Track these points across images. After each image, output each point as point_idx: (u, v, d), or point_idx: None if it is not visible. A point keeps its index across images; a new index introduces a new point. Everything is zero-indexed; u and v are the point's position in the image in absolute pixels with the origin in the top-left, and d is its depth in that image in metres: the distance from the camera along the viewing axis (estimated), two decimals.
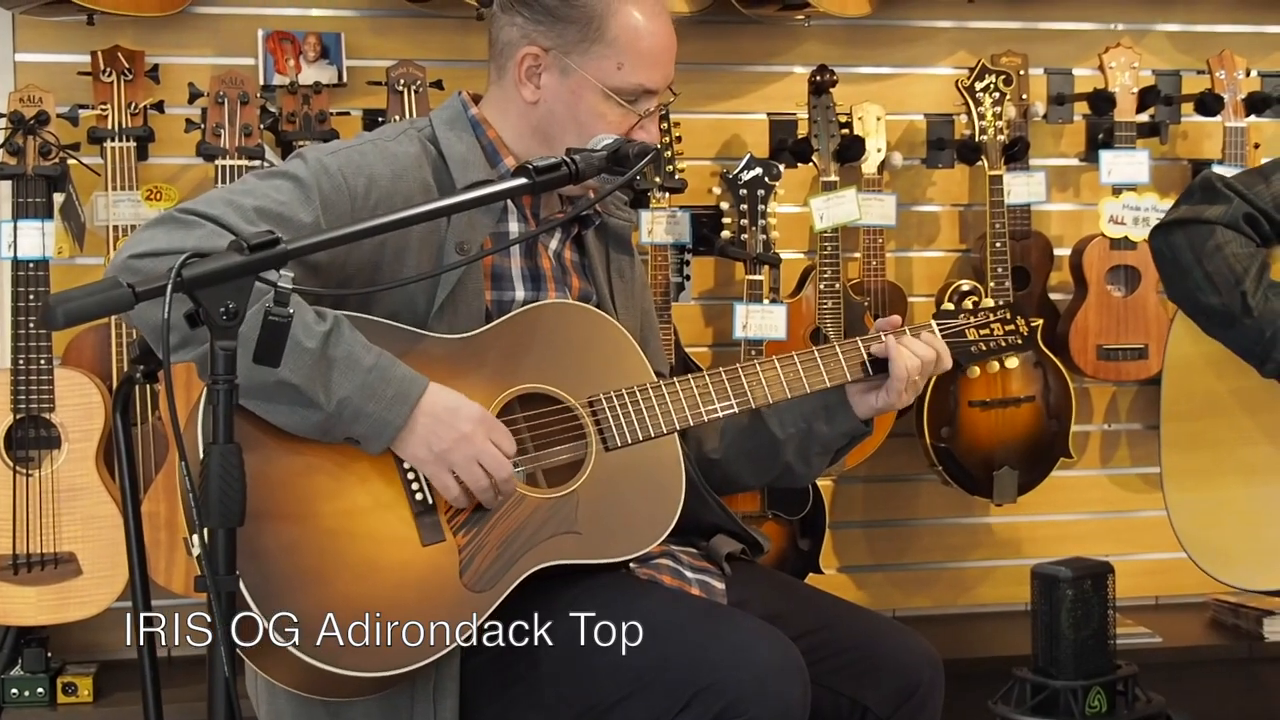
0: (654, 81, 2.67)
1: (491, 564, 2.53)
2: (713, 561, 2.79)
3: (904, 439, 4.47)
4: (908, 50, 4.63)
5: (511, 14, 2.68)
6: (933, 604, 4.74)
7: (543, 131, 2.69)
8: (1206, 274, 3.05)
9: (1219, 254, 3.04)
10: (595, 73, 2.64)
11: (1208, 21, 4.79)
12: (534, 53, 2.66)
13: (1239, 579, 3.15)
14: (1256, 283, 2.99)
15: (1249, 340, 3.00)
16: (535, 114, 2.68)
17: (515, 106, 2.70)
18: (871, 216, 4.34)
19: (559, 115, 2.67)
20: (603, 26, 2.63)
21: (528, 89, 2.67)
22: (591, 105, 2.65)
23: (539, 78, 2.67)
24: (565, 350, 2.65)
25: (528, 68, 2.67)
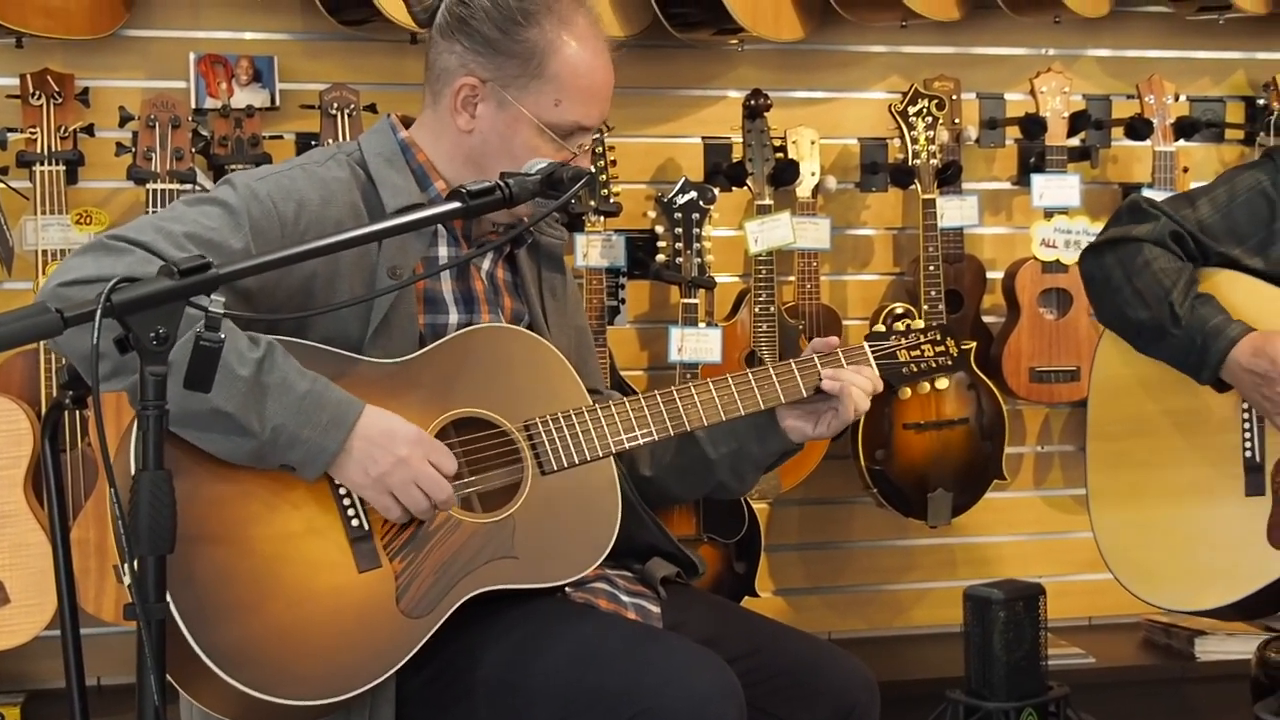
0: (590, 118, 2.67)
1: (428, 590, 2.51)
2: (648, 585, 2.79)
3: (839, 461, 4.48)
4: (841, 74, 4.65)
5: (451, 41, 2.67)
6: (868, 626, 4.75)
7: (475, 160, 2.68)
8: (1136, 290, 3.07)
9: (1147, 269, 3.06)
10: (532, 108, 2.63)
11: (1137, 47, 4.84)
12: (472, 83, 2.65)
13: (1165, 600, 3.17)
14: (1184, 294, 3.02)
15: (1181, 351, 3.03)
16: (468, 142, 2.67)
17: (449, 133, 2.69)
18: (806, 240, 4.36)
19: (492, 146, 2.66)
20: (544, 63, 2.62)
21: (463, 118, 2.66)
22: (526, 139, 2.64)
23: (475, 108, 2.65)
24: (500, 374, 2.64)
25: (464, 97, 2.65)
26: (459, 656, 2.55)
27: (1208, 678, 4.44)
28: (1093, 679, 4.35)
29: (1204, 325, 2.99)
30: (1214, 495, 3.06)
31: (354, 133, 3.90)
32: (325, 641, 2.45)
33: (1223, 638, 4.46)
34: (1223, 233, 3.08)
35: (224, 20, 4.22)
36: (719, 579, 4.26)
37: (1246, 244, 3.07)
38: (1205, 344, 2.98)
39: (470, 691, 2.53)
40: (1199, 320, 2.99)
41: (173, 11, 4.20)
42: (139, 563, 2.07)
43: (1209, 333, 2.98)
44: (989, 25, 4.66)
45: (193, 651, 2.34)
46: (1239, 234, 3.08)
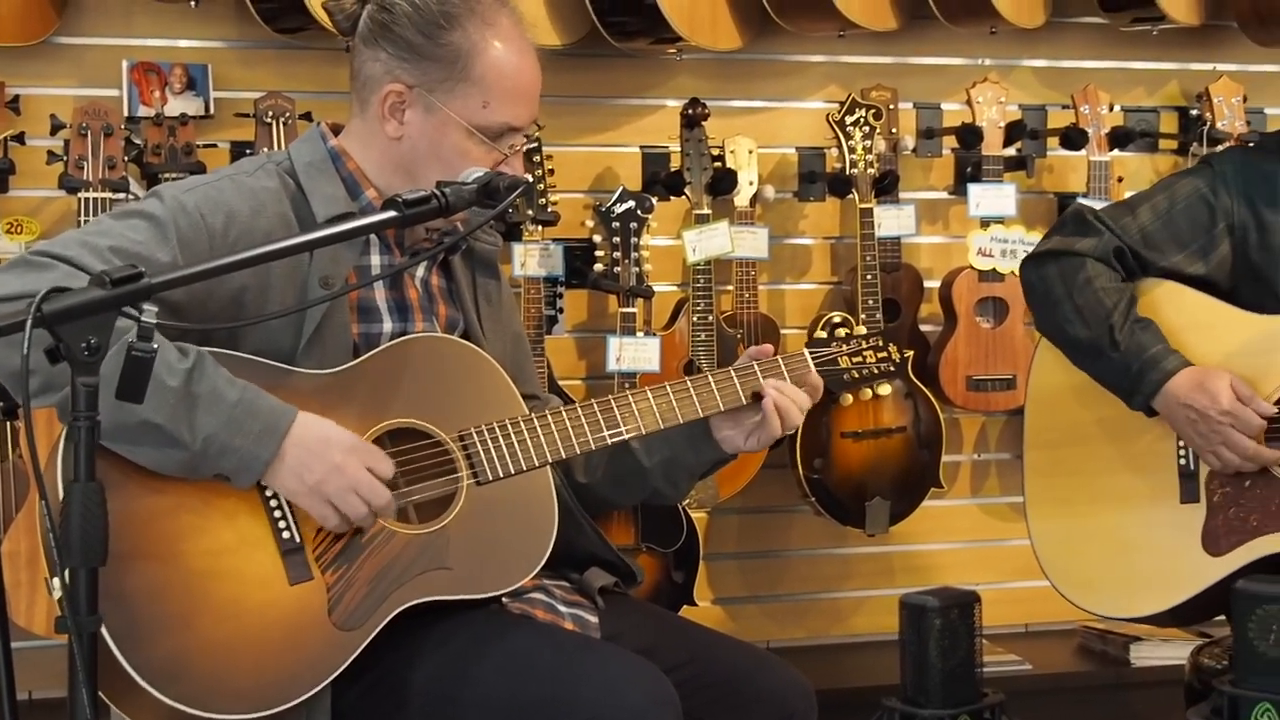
0: (520, 119, 2.66)
1: (361, 602, 2.50)
2: (586, 595, 2.78)
3: (777, 470, 4.48)
4: (779, 84, 4.66)
5: (375, 48, 2.65)
6: (806, 635, 4.76)
7: (406, 167, 2.66)
8: (1077, 307, 3.09)
9: (1089, 287, 3.08)
10: (460, 111, 2.61)
11: (1072, 57, 4.87)
12: (398, 89, 2.63)
13: (1101, 607, 3.19)
14: (1124, 317, 3.04)
15: (1116, 374, 3.04)
16: (398, 150, 2.66)
17: (378, 141, 2.67)
18: (744, 249, 4.36)
19: (422, 152, 2.64)
20: (469, 65, 2.61)
21: (391, 125, 2.65)
22: (455, 143, 2.63)
23: (402, 114, 2.64)
24: (435, 384, 2.63)
25: (391, 104, 2.64)
26: (394, 668, 2.53)
27: (1143, 683, 4.47)
28: (1029, 685, 4.37)
29: (1142, 353, 3.00)
30: (1149, 502, 3.07)
31: (289, 141, 3.87)
32: (257, 655, 2.44)
33: (1157, 643, 4.49)
34: (1164, 240, 3.10)
35: (157, 27, 4.19)
36: (657, 588, 4.26)
37: (1188, 249, 3.09)
38: (1141, 371, 3.00)
39: (406, 703, 2.52)
40: (1137, 346, 3.01)
41: (105, 18, 4.17)
42: (70, 575, 2.05)
43: (1146, 361, 2.99)
44: (926, 35, 4.68)
45: (123, 668, 2.32)
46: (1180, 240, 3.10)
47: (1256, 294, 3.06)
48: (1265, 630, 2.41)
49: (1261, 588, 2.45)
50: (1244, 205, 3.07)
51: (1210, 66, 4.90)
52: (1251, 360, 2.99)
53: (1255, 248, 3.06)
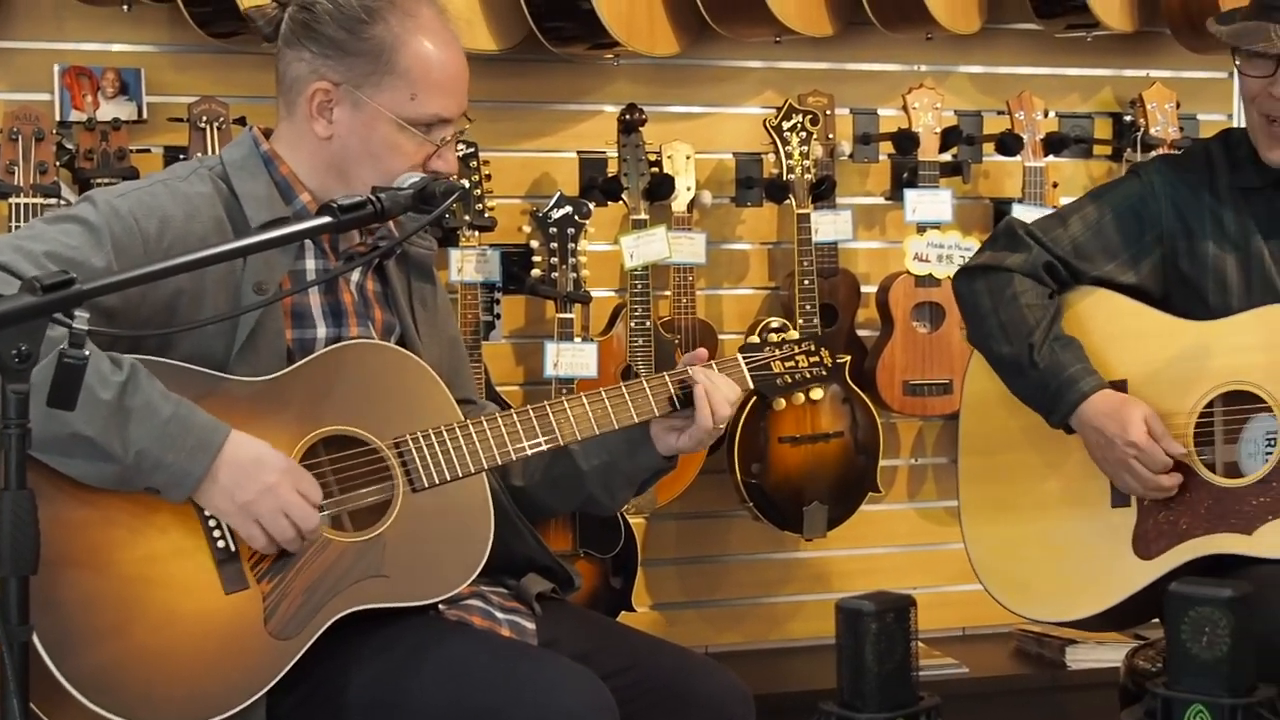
0: (448, 110, 2.65)
1: (297, 611, 2.49)
2: (523, 601, 2.78)
3: (715, 475, 4.49)
4: (716, 90, 4.67)
5: (299, 49, 2.64)
6: (745, 639, 4.76)
7: (338, 167, 2.65)
8: (1001, 323, 3.10)
9: (1015, 304, 3.09)
10: (388, 104, 2.61)
11: (1008, 64, 4.89)
12: (324, 87, 2.62)
13: (1035, 611, 3.21)
14: (1045, 334, 3.05)
15: (1035, 391, 3.07)
16: (329, 149, 2.65)
17: (308, 142, 2.66)
18: (681, 254, 4.36)
19: (353, 149, 2.64)
20: (393, 58, 2.60)
21: (320, 124, 2.63)
22: (386, 137, 2.62)
23: (330, 112, 2.63)
24: (370, 391, 2.62)
25: (319, 103, 2.63)
26: (330, 678, 2.53)
27: (1078, 686, 4.49)
28: (966, 689, 4.39)
29: (1061, 372, 3.02)
30: (1081, 507, 3.09)
31: (223, 146, 3.84)
32: (192, 665, 2.43)
33: (1093, 646, 4.52)
34: (1095, 250, 3.12)
35: (89, 31, 4.15)
36: (595, 594, 4.25)
37: (1119, 259, 3.12)
38: (1059, 391, 3.02)
39: (342, 713, 2.51)
40: (1056, 365, 3.03)
41: (36, 22, 4.12)
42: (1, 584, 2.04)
43: (1064, 381, 3.01)
44: (862, 41, 4.69)
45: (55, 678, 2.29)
46: (1111, 250, 3.12)
47: (1187, 301, 3.09)
48: (1198, 633, 2.43)
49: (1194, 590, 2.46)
50: (1172, 214, 3.10)
51: (1144, 73, 4.93)
52: (1183, 366, 3.02)
53: (1184, 256, 3.08)
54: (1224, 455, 2.99)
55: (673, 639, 4.23)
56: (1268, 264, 3.01)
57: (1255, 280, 3.02)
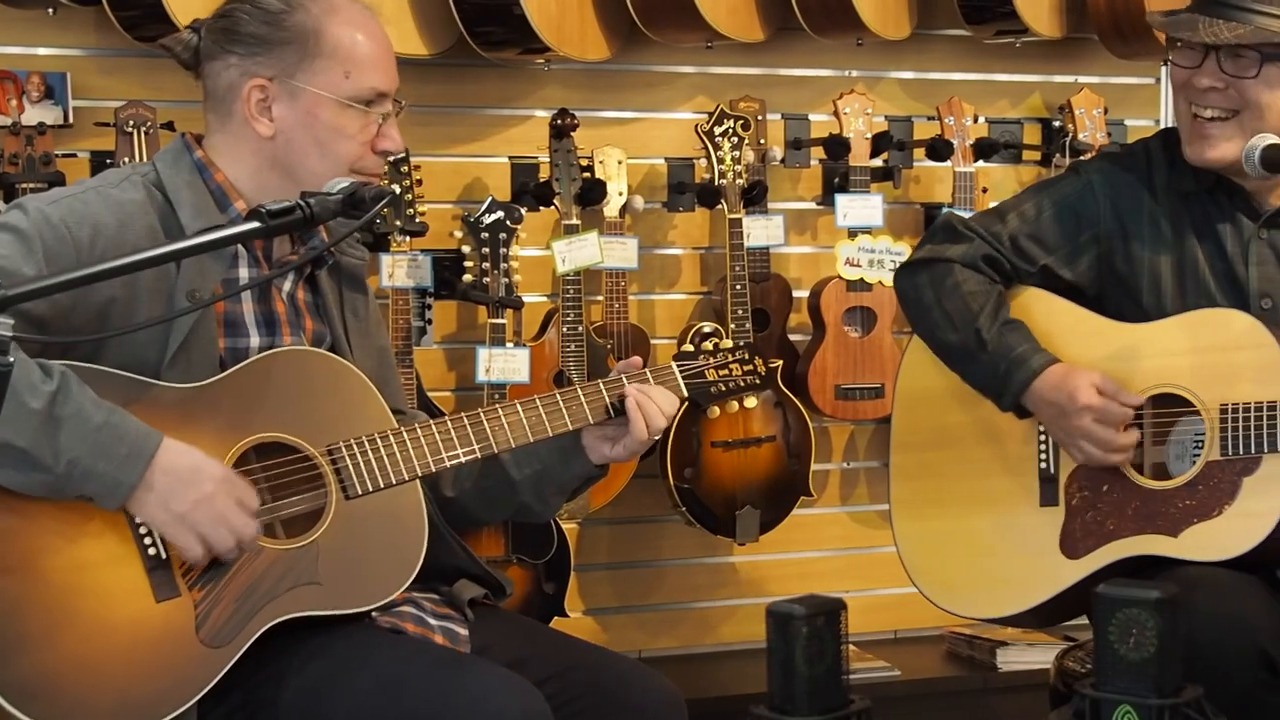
0: (384, 83, 2.67)
1: (229, 618, 2.47)
2: (455, 607, 2.77)
3: (648, 480, 4.49)
4: (648, 95, 4.67)
5: (224, 57, 2.64)
6: (678, 644, 4.76)
7: (283, 162, 2.65)
8: (945, 312, 3.11)
9: (957, 292, 3.10)
10: (325, 86, 2.62)
11: (938, 69, 4.92)
12: (260, 84, 2.62)
13: (963, 608, 3.22)
14: (991, 319, 3.06)
15: (986, 375, 3.07)
16: (273, 147, 2.64)
17: (249, 146, 2.65)
18: (613, 259, 4.36)
19: (298, 141, 2.63)
20: (319, 41, 2.62)
21: (262, 124, 2.63)
22: (329, 120, 2.62)
23: (270, 110, 2.63)
24: (303, 398, 2.61)
25: (257, 101, 2.62)
26: (263, 686, 2.51)
27: (1009, 688, 4.52)
28: (897, 691, 4.41)
29: (1010, 353, 3.03)
30: (1010, 505, 3.11)
31: (151, 151, 3.82)
32: (122, 673, 2.41)
33: (1023, 648, 4.55)
34: (1033, 247, 3.13)
35: (14, 35, 4.10)
36: (528, 600, 4.25)
37: (1055, 256, 3.13)
38: (1009, 371, 3.03)
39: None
40: (1005, 347, 3.04)
41: None
42: None
43: (1014, 360, 3.02)
44: (793, 47, 4.71)
45: None
46: (1048, 247, 3.13)
47: (1121, 301, 3.10)
48: (1125, 634, 2.44)
49: (1122, 592, 2.48)
50: (1110, 214, 3.12)
51: (1072, 78, 4.97)
52: (1115, 367, 3.03)
53: (1120, 257, 3.10)
54: (1152, 457, 3.01)
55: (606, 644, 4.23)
56: (1201, 268, 3.04)
57: (1189, 284, 3.04)
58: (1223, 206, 3.05)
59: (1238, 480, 2.88)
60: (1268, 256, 3.02)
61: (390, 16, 4.10)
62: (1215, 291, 3.01)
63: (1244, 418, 2.88)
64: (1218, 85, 2.94)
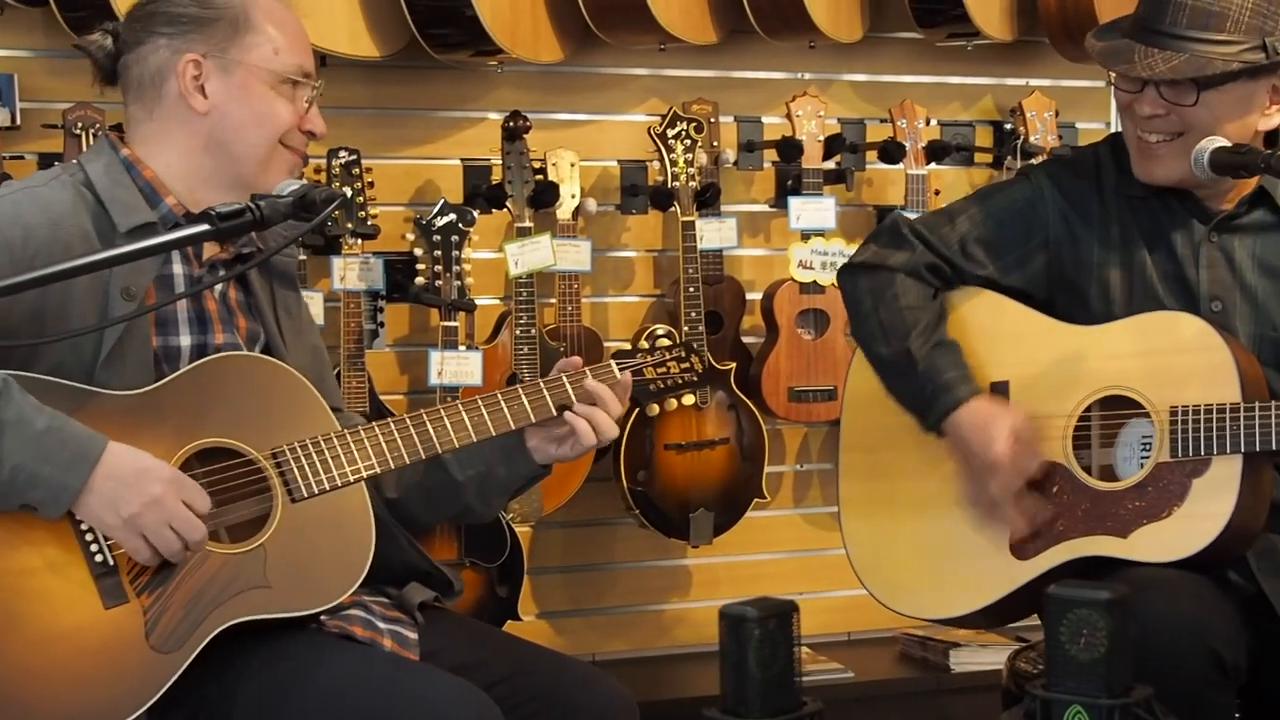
0: (307, 63, 2.71)
1: (178, 624, 2.45)
2: (405, 611, 2.75)
3: (601, 483, 4.49)
4: (601, 97, 4.67)
5: (152, 41, 2.65)
6: (632, 647, 4.76)
7: (218, 141, 2.65)
8: (880, 323, 3.11)
9: (895, 304, 3.10)
10: (259, 60, 2.65)
11: (890, 72, 4.93)
12: (194, 59, 2.63)
13: (912, 608, 3.23)
14: (924, 338, 3.06)
15: (911, 394, 3.08)
16: (207, 125, 2.64)
17: (181, 130, 2.65)
18: (566, 262, 4.36)
19: (233, 117, 2.64)
20: (248, 16, 2.65)
21: (197, 100, 2.63)
22: (263, 95, 2.65)
23: (204, 87, 2.64)
24: (246, 402, 2.59)
25: (191, 77, 2.63)
26: (214, 692, 2.50)
27: (962, 689, 4.54)
28: (851, 693, 4.42)
29: (938, 378, 3.04)
30: (960, 507, 3.10)
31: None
32: (71, 681, 2.39)
33: (976, 649, 4.57)
34: (981, 251, 3.14)
35: None
36: (481, 603, 4.24)
37: (1004, 260, 3.13)
38: (934, 396, 3.03)
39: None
40: (934, 371, 3.04)
41: None
42: None
43: (940, 387, 3.03)
44: (746, 49, 4.71)
45: None
46: (997, 251, 3.14)
47: (1070, 306, 3.11)
48: (1075, 634, 2.45)
49: (1072, 593, 2.48)
50: (1059, 218, 3.12)
51: (1023, 81, 5.00)
52: (1063, 370, 3.04)
53: (1069, 261, 3.11)
54: (1101, 458, 3.02)
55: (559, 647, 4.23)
56: (1150, 272, 3.05)
57: (1138, 288, 3.05)
58: (1173, 210, 3.06)
59: (1187, 482, 2.90)
60: (1218, 260, 3.03)
61: (342, 18, 4.09)
62: (1164, 295, 3.02)
63: (1193, 420, 2.89)
64: (1159, 112, 2.95)
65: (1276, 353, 2.99)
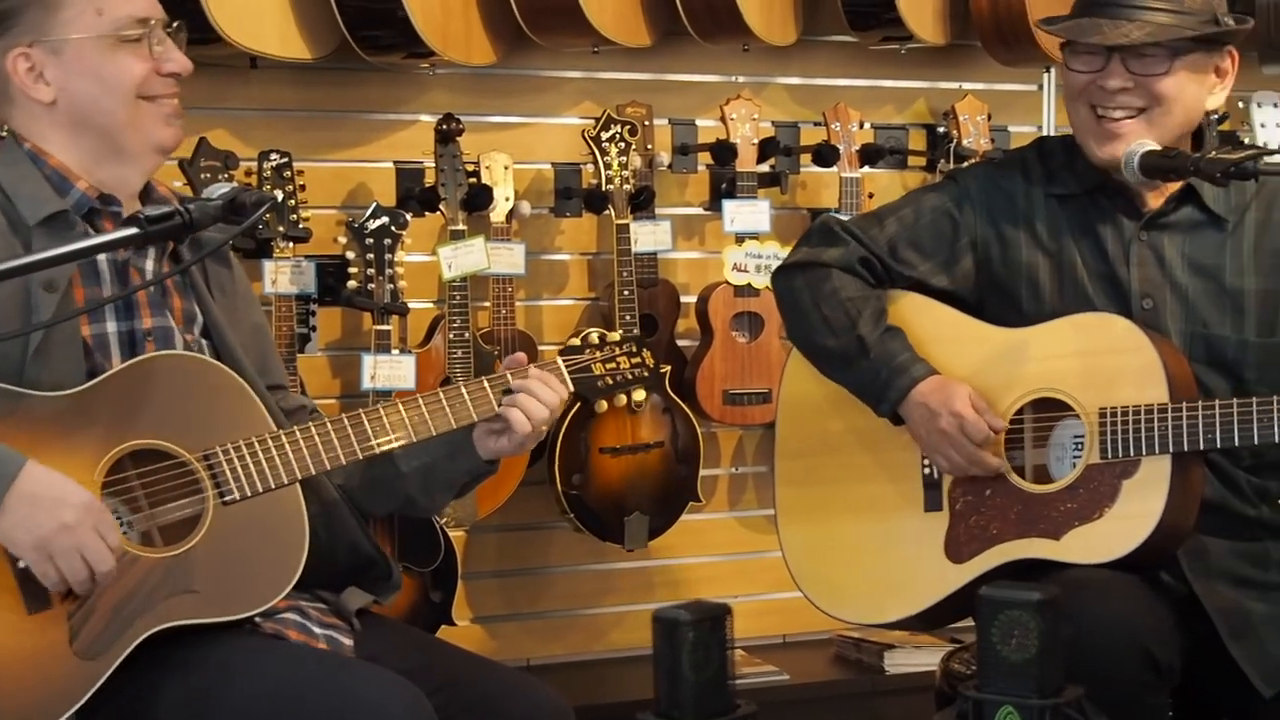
0: (142, 8, 2.64)
1: (103, 630, 2.43)
2: (342, 617, 2.73)
3: (536, 487, 4.47)
4: (535, 100, 4.66)
5: None
6: (567, 651, 4.75)
7: (79, 121, 2.62)
8: (824, 317, 3.12)
9: (836, 297, 3.11)
10: (82, 29, 2.59)
11: (824, 75, 4.94)
12: (21, 53, 2.59)
13: (850, 613, 3.24)
14: (872, 325, 3.08)
15: (864, 381, 3.09)
16: (62, 109, 2.61)
17: (45, 121, 2.63)
18: (500, 265, 4.34)
19: (82, 91, 2.60)
20: None
21: (40, 91, 2.60)
22: (103, 62, 2.60)
23: (43, 76, 2.60)
24: (179, 402, 2.57)
25: (25, 71, 2.60)
26: (140, 697, 2.47)
27: (896, 690, 4.55)
28: (786, 695, 4.43)
29: (891, 360, 3.05)
30: (895, 511, 3.12)
31: None
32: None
33: (910, 651, 4.58)
34: (910, 253, 3.15)
35: None
36: (415, 608, 4.21)
37: (932, 263, 3.15)
38: (890, 378, 3.04)
39: None
40: (886, 354, 3.05)
41: None
42: None
43: (895, 368, 3.04)
44: (680, 52, 4.71)
45: None
46: (925, 253, 3.15)
47: (1001, 307, 3.13)
48: (1007, 635, 2.46)
49: (1004, 594, 2.49)
50: (987, 221, 3.14)
51: (956, 85, 5.02)
52: (995, 371, 3.06)
53: (998, 263, 3.13)
54: (1033, 460, 3.04)
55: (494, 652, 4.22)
56: (1080, 271, 3.06)
57: (1067, 287, 3.07)
58: (1103, 209, 3.08)
59: (1117, 483, 2.91)
60: (1148, 258, 3.05)
61: (272, 20, 4.06)
62: (1095, 294, 3.04)
63: (1122, 421, 2.91)
64: (1128, 85, 2.97)
65: (1208, 351, 3.01)
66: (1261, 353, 3.01)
